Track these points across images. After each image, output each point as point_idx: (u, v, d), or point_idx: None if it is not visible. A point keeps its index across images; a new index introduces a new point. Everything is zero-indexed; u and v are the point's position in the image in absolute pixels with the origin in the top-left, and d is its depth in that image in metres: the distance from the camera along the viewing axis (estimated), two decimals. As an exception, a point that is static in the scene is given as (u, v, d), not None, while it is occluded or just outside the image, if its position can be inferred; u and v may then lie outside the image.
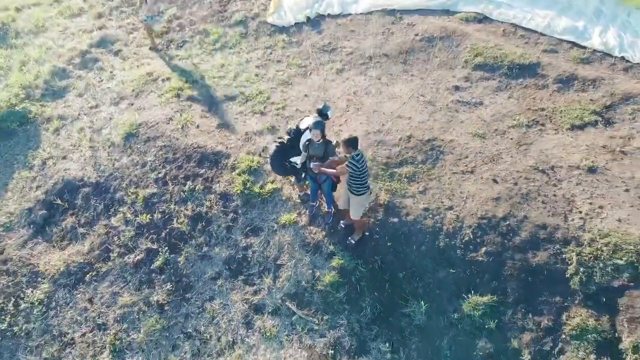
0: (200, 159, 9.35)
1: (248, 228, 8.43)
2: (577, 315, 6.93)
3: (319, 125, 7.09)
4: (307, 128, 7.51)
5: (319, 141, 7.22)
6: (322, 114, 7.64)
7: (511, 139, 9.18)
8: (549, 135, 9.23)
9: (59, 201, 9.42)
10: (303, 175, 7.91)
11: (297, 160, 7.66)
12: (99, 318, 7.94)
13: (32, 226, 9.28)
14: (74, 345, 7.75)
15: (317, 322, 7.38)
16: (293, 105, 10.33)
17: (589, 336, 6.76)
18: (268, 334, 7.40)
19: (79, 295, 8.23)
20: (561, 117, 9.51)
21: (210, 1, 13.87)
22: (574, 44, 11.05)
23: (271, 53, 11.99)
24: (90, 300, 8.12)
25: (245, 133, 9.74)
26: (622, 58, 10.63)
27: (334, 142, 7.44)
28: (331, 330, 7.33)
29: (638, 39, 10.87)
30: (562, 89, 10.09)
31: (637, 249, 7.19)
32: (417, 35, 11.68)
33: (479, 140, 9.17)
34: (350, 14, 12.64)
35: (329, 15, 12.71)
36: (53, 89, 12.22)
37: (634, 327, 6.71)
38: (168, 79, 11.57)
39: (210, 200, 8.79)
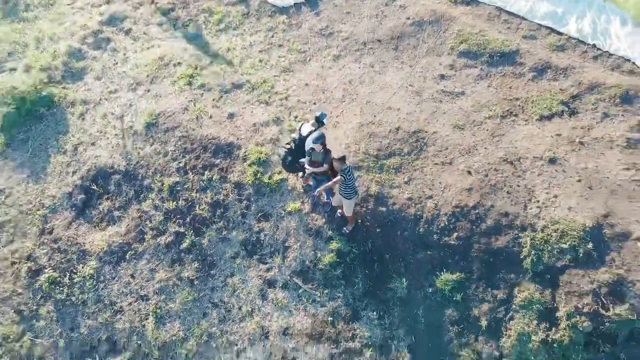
0: (215, 149, 10.73)
1: (260, 214, 10.02)
2: (526, 289, 8.70)
3: (319, 140, 8.44)
4: (308, 133, 8.86)
5: (320, 151, 8.60)
6: (319, 120, 8.95)
7: (486, 130, 10.51)
8: (519, 126, 10.56)
9: (94, 187, 10.92)
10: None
11: (305, 160, 9.01)
12: (141, 290, 9.75)
13: (74, 209, 10.85)
14: (123, 313, 9.62)
15: (319, 294, 9.18)
16: (295, 95, 11.52)
17: (534, 306, 8.56)
18: (280, 304, 9.24)
19: (122, 271, 9.99)
20: (532, 107, 10.76)
21: (212, -24, 14.46)
22: (552, 30, 11.98)
23: (272, 36, 12.92)
24: (132, 276, 9.88)
25: (253, 124, 11.03)
26: (594, 45, 11.65)
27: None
28: (330, 301, 9.16)
29: (610, 26, 11.82)
30: (537, 78, 11.23)
31: (579, 235, 8.81)
32: (408, 18, 12.56)
33: (459, 131, 10.51)
34: (346, -7, 13.39)
35: (326, -6, 13.45)
36: (72, 70, 13.26)
37: (570, 299, 8.50)
38: (179, 63, 12.62)
39: (226, 189, 10.30)
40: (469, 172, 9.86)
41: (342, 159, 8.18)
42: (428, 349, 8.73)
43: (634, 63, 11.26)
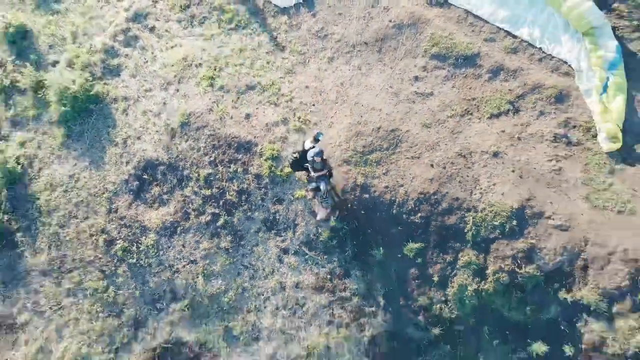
0: (237, 146, 13.82)
1: (275, 199, 13.39)
2: (467, 255, 12.31)
3: (319, 155, 11.59)
4: (310, 148, 11.97)
5: (319, 161, 11.79)
6: (316, 139, 12.03)
7: (448, 128, 13.53)
8: (474, 123, 13.55)
9: (145, 175, 14.17)
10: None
11: (309, 167, 12.17)
12: (190, 256, 13.41)
13: (131, 193, 14.19)
14: (179, 272, 13.36)
15: (320, 259, 12.84)
16: (298, 97, 14.34)
17: (471, 266, 12.23)
18: (292, 267, 12.94)
19: (175, 242, 13.58)
20: (485, 106, 13.66)
21: (221, -26, 16.50)
22: (509, 33, 14.46)
23: (276, 37, 15.39)
24: (183, 245, 13.49)
25: (266, 124, 14.01)
26: (540, 49, 14.22)
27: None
28: (328, 264, 12.85)
29: (557, 31, 14.28)
30: (491, 79, 13.98)
31: (507, 215, 12.23)
32: (390, 21, 14.96)
33: (426, 130, 13.54)
34: (338, -6, 15.61)
35: (321, -6, 15.67)
36: (109, 67, 15.89)
37: (496, 261, 12.13)
38: (200, 64, 15.24)
39: (248, 179, 13.57)
40: (432, 165, 13.06)
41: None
42: (397, 297, 12.57)
43: (570, 65, 13.95)
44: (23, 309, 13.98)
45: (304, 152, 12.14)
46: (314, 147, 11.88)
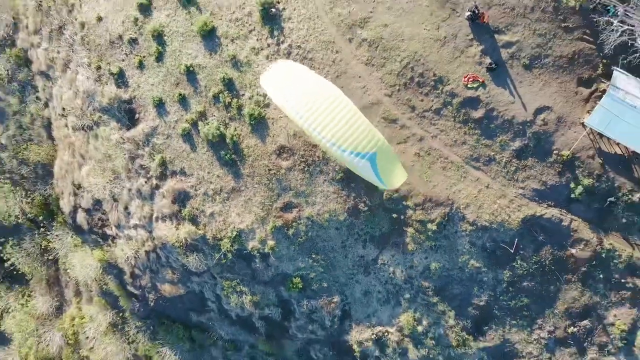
0: (314, 146, 42.59)
1: (326, 165, 42.79)
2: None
3: None
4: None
5: None
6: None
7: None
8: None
9: (280, 150, 43.39)
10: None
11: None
12: (297, 177, 43.48)
13: (276, 155, 43.59)
14: (290, 182, 43.68)
15: (335, 182, 42.93)
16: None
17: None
18: (329, 184, 43.11)
19: (291, 173, 43.48)
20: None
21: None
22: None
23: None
24: (294, 174, 43.50)
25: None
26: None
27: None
28: (339, 185, 42.99)
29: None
30: (399, 129, 41.71)
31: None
32: (368, 101, 41.93)
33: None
34: (351, 85, 41.98)
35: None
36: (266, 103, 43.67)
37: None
38: (299, 109, 42.86)
39: (314, 156, 42.71)
40: (372, 160, 42.06)
41: None
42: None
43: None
44: (243, 185, 44.84)
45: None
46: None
